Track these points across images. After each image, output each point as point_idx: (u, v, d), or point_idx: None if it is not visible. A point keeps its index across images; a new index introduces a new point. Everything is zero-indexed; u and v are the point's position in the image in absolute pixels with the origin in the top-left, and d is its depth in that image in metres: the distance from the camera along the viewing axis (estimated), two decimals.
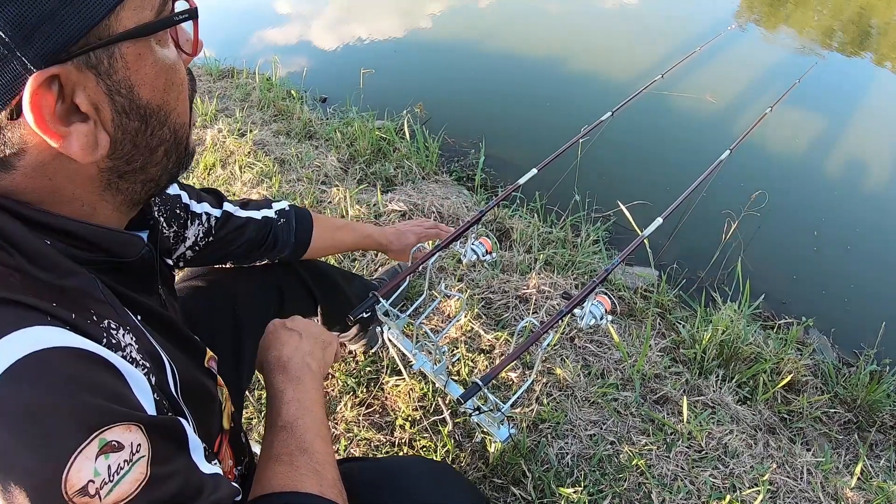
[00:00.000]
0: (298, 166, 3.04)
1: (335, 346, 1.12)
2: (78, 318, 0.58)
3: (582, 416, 1.87)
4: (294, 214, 1.39)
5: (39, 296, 0.56)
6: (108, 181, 0.66)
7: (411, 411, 1.85)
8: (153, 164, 0.69)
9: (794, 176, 4.02)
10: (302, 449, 0.85)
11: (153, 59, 0.62)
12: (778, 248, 3.30)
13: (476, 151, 3.53)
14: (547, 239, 2.72)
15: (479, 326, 2.11)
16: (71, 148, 0.58)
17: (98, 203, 0.67)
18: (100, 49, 0.57)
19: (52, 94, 0.55)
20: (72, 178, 0.63)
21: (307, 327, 1.09)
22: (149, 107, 0.64)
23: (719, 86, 4.85)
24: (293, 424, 0.88)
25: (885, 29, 7.70)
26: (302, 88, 4.31)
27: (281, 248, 1.37)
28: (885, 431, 2.23)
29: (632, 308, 2.39)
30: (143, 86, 0.62)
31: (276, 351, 1.01)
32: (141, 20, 0.59)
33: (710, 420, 1.93)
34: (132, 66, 0.60)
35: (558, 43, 5.64)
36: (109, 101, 0.60)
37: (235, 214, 1.27)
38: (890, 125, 4.95)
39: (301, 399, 0.92)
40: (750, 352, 2.22)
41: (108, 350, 0.58)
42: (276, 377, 0.96)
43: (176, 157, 0.72)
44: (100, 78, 0.58)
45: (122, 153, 0.64)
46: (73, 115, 0.58)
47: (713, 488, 1.73)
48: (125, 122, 0.62)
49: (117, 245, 0.69)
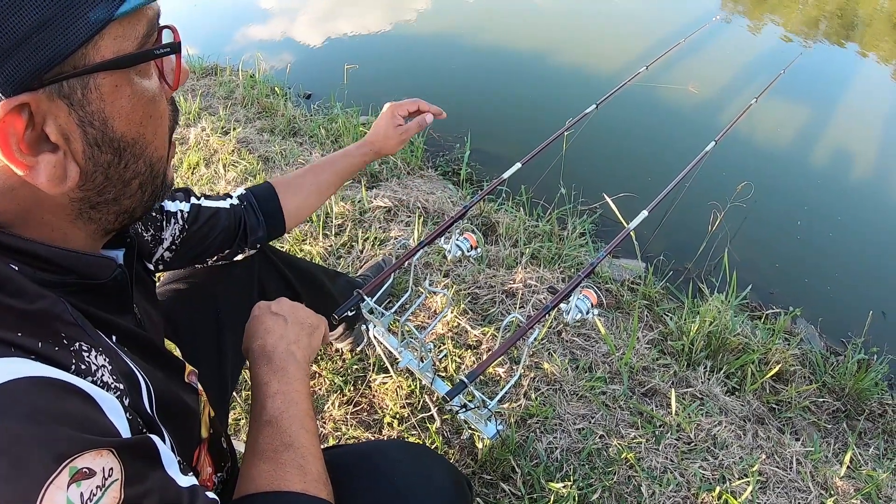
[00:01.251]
0: (283, 164, 3.02)
1: (322, 329, 1.11)
2: (44, 346, 0.56)
3: (570, 411, 1.86)
4: (252, 194, 1.33)
5: (3, 326, 0.54)
6: (79, 210, 0.64)
7: (399, 409, 1.84)
8: (127, 196, 0.67)
9: (780, 166, 4.04)
10: (287, 444, 0.84)
11: (131, 90, 0.61)
12: (764, 239, 3.31)
13: (461, 145, 3.51)
14: (533, 233, 2.71)
15: (466, 322, 2.10)
16: (38, 178, 0.56)
17: (69, 230, 0.65)
18: (74, 79, 0.55)
19: (21, 121, 0.53)
20: (41, 204, 0.61)
21: (293, 311, 1.07)
22: (123, 140, 0.62)
23: (704, 77, 4.86)
24: (278, 419, 0.87)
25: (869, 19, 7.74)
26: (286, 85, 4.29)
27: (254, 231, 1.31)
28: (873, 419, 2.24)
29: (619, 301, 2.38)
30: (118, 118, 0.60)
31: (260, 339, 0.99)
32: (121, 50, 0.58)
33: (698, 412, 1.93)
34: (107, 98, 0.58)
35: (543, 36, 5.63)
36: (81, 132, 0.58)
37: (204, 205, 1.23)
38: (873, 114, 4.98)
39: (286, 391, 0.91)
40: (738, 342, 2.22)
41: (76, 377, 0.56)
42: (260, 368, 0.95)
43: (151, 190, 0.71)
44: (72, 108, 0.56)
45: (94, 185, 0.63)
46: (43, 143, 0.56)
47: (703, 480, 1.73)
48: (97, 154, 0.60)
49: (88, 268, 0.67)
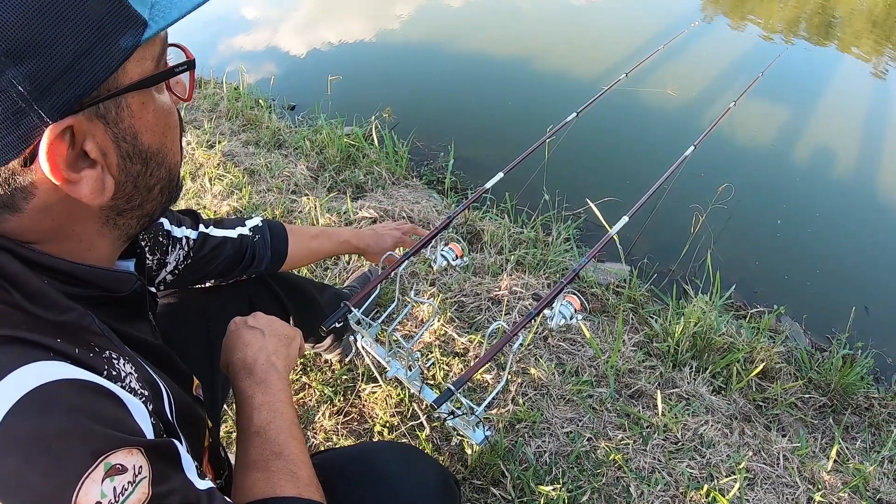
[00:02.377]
0: (268, 176, 3.02)
1: (298, 339, 1.13)
2: (80, 353, 0.61)
3: (558, 415, 1.88)
4: (268, 229, 1.41)
5: (42, 333, 0.60)
6: (107, 218, 0.69)
7: (389, 417, 1.85)
8: (150, 201, 0.73)
9: (760, 167, 4.09)
10: (276, 453, 0.87)
11: (154, 106, 0.66)
12: (746, 239, 3.35)
13: (445, 154, 3.53)
14: (518, 239, 2.73)
15: (453, 330, 2.12)
16: (81, 192, 0.61)
17: (96, 239, 0.70)
18: (108, 100, 0.60)
19: (65, 143, 0.58)
20: (75, 217, 0.66)
21: (269, 324, 1.10)
22: (149, 150, 0.68)
23: (684, 82, 4.90)
24: (265, 429, 0.90)
25: (848, 17, 7.81)
26: (270, 97, 4.29)
27: (258, 263, 1.38)
28: (859, 413, 2.26)
29: (604, 304, 2.40)
30: (145, 131, 0.66)
31: (240, 353, 1.02)
32: (144, 71, 0.63)
33: (685, 412, 1.95)
34: (136, 114, 0.64)
35: (525, 44, 5.66)
36: (116, 147, 0.63)
37: (212, 235, 1.28)
38: (851, 111, 5.04)
39: (270, 402, 0.94)
40: (723, 342, 2.24)
41: (108, 381, 0.61)
42: (243, 381, 0.98)
43: (168, 193, 0.76)
44: (108, 126, 0.61)
45: (124, 193, 0.68)
46: (82, 161, 0.61)
47: (691, 479, 1.75)
48: (129, 165, 0.66)
49: (111, 282, 0.72)
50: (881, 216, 3.80)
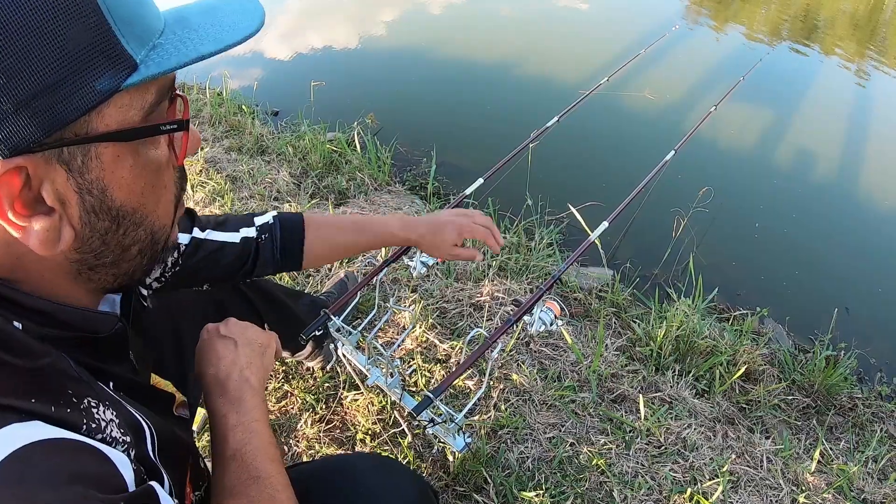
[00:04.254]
0: (250, 183, 3.01)
1: (273, 346, 1.08)
2: (57, 410, 0.55)
3: (540, 420, 1.87)
4: (279, 225, 1.23)
5: (15, 392, 0.54)
6: (77, 271, 0.63)
7: (371, 425, 1.85)
8: (125, 260, 0.66)
9: (740, 171, 4.12)
10: (254, 477, 0.83)
11: (133, 161, 0.59)
12: (728, 242, 3.36)
13: (428, 160, 3.52)
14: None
15: (435, 336, 2.11)
16: (29, 239, 0.55)
17: (70, 287, 0.64)
18: (74, 146, 0.53)
19: (17, 181, 0.52)
20: (40, 261, 0.59)
21: (243, 331, 1.04)
22: (122, 209, 0.61)
23: (665, 86, 4.93)
24: (241, 452, 0.86)
25: (831, 21, 7.89)
26: (253, 102, 4.27)
27: (263, 266, 1.23)
28: (843, 414, 2.27)
29: (587, 309, 2.40)
30: (117, 188, 0.59)
31: (212, 368, 0.97)
32: (127, 121, 0.56)
33: (668, 415, 1.95)
34: (108, 168, 0.57)
35: (508, 49, 5.67)
36: (79, 198, 0.56)
37: (208, 239, 1.15)
38: (833, 114, 5.09)
39: (245, 423, 0.90)
40: (706, 345, 2.24)
41: (87, 437, 0.56)
42: (216, 400, 0.93)
43: (150, 256, 0.69)
44: (70, 174, 0.55)
45: (90, 248, 0.61)
46: (39, 204, 0.55)
47: (674, 482, 1.75)
48: (94, 220, 0.59)
49: (90, 323, 0.66)
50: (860, 218, 3.83)
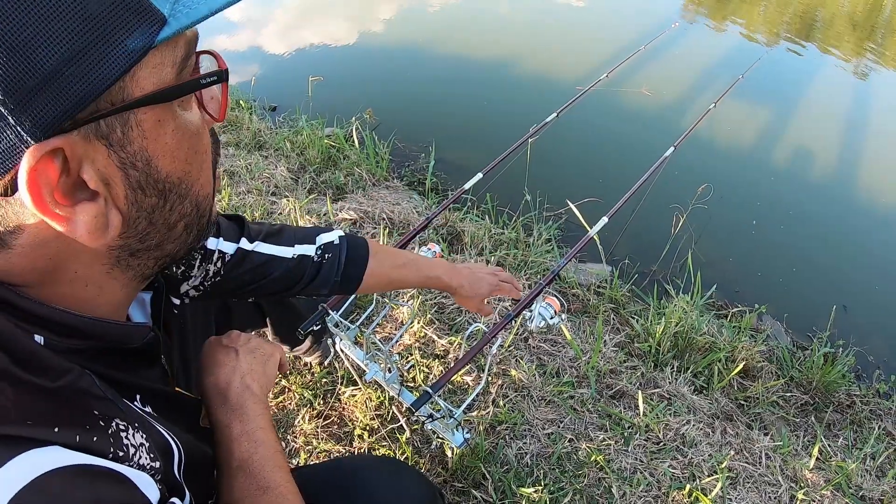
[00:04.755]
0: (248, 178, 3.00)
1: (277, 357, 1.03)
2: (83, 438, 0.51)
3: (539, 416, 1.87)
4: (346, 247, 1.15)
5: (38, 418, 0.49)
6: (117, 258, 0.58)
7: (369, 420, 1.84)
8: (171, 240, 0.61)
9: (740, 168, 4.12)
10: (263, 488, 0.81)
11: (174, 125, 0.54)
12: (727, 239, 3.36)
13: (426, 155, 3.52)
14: (499, 240, 2.72)
15: (433, 332, 2.10)
16: (76, 231, 0.50)
17: (104, 282, 0.59)
18: (112, 116, 0.48)
19: (54, 168, 0.46)
20: (76, 257, 0.55)
21: (245, 342, 0.99)
22: (168, 180, 0.56)
23: (665, 83, 4.92)
24: (248, 462, 0.83)
25: (830, 20, 7.88)
26: (251, 97, 4.25)
27: (319, 286, 1.13)
28: (841, 411, 2.27)
29: (586, 305, 2.40)
30: (162, 157, 0.54)
31: (212, 376, 0.93)
32: (162, 80, 0.51)
33: (666, 412, 1.95)
34: (150, 136, 0.52)
35: (507, 45, 5.67)
36: (123, 175, 0.51)
37: (256, 251, 1.05)
38: (832, 112, 5.09)
39: (249, 432, 0.86)
40: (704, 342, 2.24)
41: (114, 462, 0.53)
42: (217, 410, 0.89)
43: (197, 231, 0.64)
44: (112, 149, 0.49)
45: (137, 231, 0.57)
46: (80, 191, 0.50)
47: (673, 479, 1.75)
48: (140, 198, 0.54)
49: (119, 336, 0.63)
50: (859, 216, 3.83)
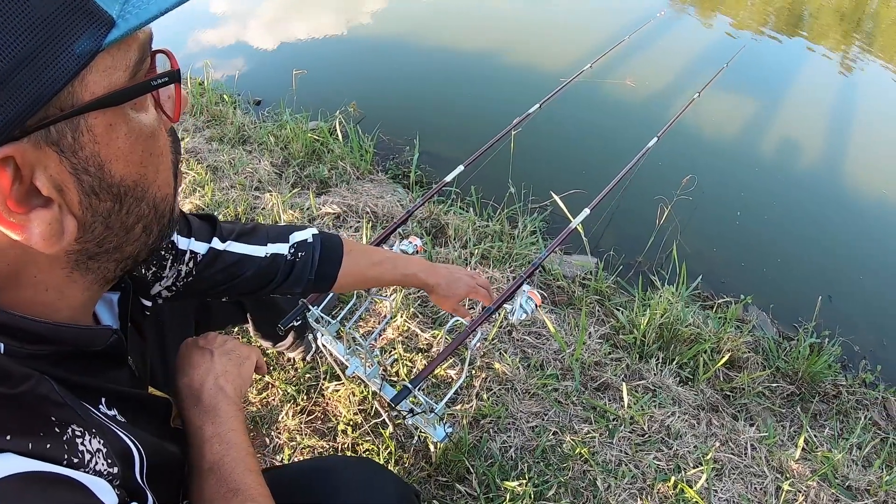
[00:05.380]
0: (231, 173, 2.97)
1: (254, 359, 1.03)
2: (35, 445, 0.51)
3: (523, 409, 1.86)
4: (319, 246, 1.15)
5: None
6: (76, 262, 0.58)
7: (352, 415, 1.83)
8: (129, 242, 0.61)
9: (724, 158, 4.12)
10: (233, 490, 0.81)
11: (127, 128, 0.53)
12: (712, 230, 3.36)
13: (411, 148, 3.50)
14: (483, 233, 2.70)
15: (416, 325, 2.09)
16: (32, 238, 0.50)
17: (64, 286, 0.59)
18: (62, 122, 0.48)
19: (6, 176, 0.46)
20: (35, 263, 0.55)
21: (221, 343, 1.00)
22: (123, 184, 0.55)
23: (649, 73, 4.92)
24: (219, 464, 0.83)
25: (817, 11, 7.90)
26: (235, 92, 4.22)
27: (292, 285, 1.13)
28: (827, 401, 2.28)
29: (570, 297, 2.39)
30: (115, 161, 0.53)
31: (186, 377, 0.93)
32: (112, 84, 0.50)
33: (651, 403, 1.94)
34: (102, 140, 0.51)
35: (491, 37, 5.65)
36: (76, 181, 0.51)
37: (228, 251, 1.05)
38: (815, 102, 5.11)
39: (221, 434, 0.86)
40: (689, 333, 2.24)
41: (68, 469, 0.53)
42: (190, 411, 0.89)
43: (158, 231, 0.64)
44: (63, 156, 0.49)
45: (93, 236, 0.56)
46: (34, 198, 0.49)
47: (658, 471, 1.75)
48: (95, 203, 0.54)
49: (81, 340, 0.62)
50: (843, 206, 3.84)
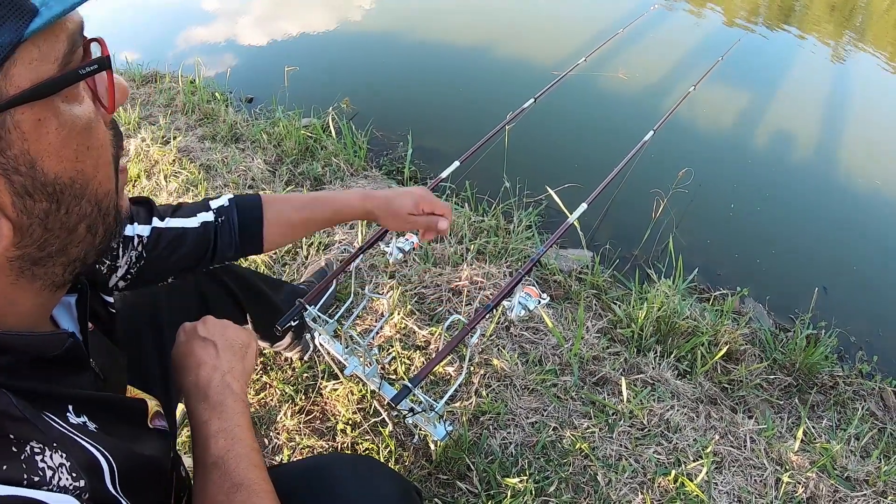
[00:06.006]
0: (224, 171, 2.96)
1: (254, 347, 1.04)
2: None
3: (522, 405, 1.86)
4: (235, 207, 1.17)
5: None
6: (20, 269, 0.55)
7: (351, 415, 1.82)
8: (74, 244, 0.58)
9: (720, 151, 4.11)
10: (237, 485, 0.80)
11: (58, 122, 0.51)
12: (708, 223, 3.36)
13: (404, 144, 3.48)
14: (479, 228, 2.69)
15: (413, 323, 2.08)
16: None
17: (12, 294, 0.57)
18: None
19: None
20: None
21: (223, 332, 1.00)
22: (58, 182, 0.52)
23: (644, 67, 4.91)
24: (224, 459, 0.83)
25: (809, 3, 7.90)
26: (227, 89, 4.20)
27: (224, 251, 1.16)
28: (825, 392, 2.28)
29: (567, 291, 2.38)
30: (48, 158, 0.51)
31: (192, 375, 0.93)
32: (39, 76, 0.48)
33: (650, 397, 1.94)
34: (31, 136, 0.49)
35: (484, 31, 5.63)
36: (6, 182, 0.49)
37: (167, 227, 1.08)
38: (810, 94, 5.11)
39: (227, 429, 0.87)
40: (687, 326, 2.23)
41: (28, 489, 0.51)
42: (197, 406, 0.90)
43: (103, 231, 0.61)
44: None
45: (33, 240, 0.54)
46: None
47: (658, 464, 1.74)
48: (30, 204, 0.51)
49: (36, 347, 0.60)
50: (837, 197, 3.84)
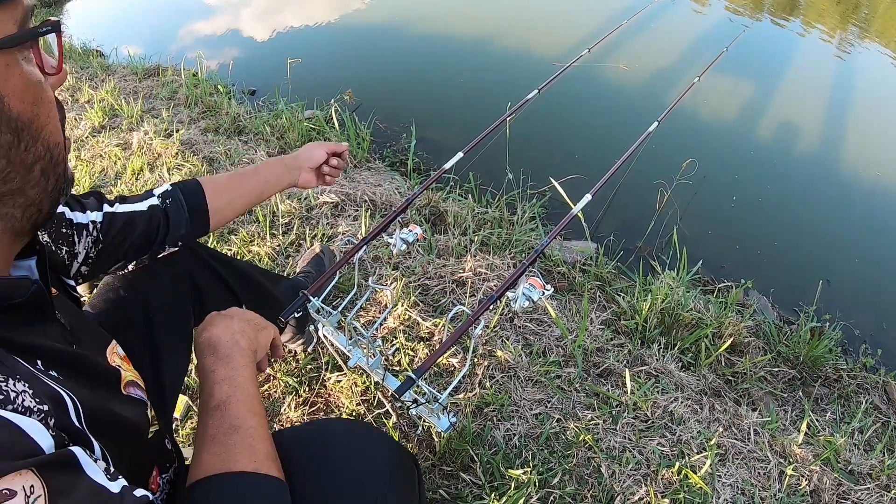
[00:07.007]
0: (227, 164, 2.96)
1: (271, 332, 1.10)
2: None
3: (526, 396, 1.85)
4: (179, 190, 1.29)
5: None
6: None
7: (355, 406, 1.81)
8: (31, 184, 0.65)
9: (724, 142, 4.09)
10: (234, 427, 0.85)
11: (21, 70, 0.60)
12: (712, 214, 3.34)
13: (408, 136, 3.48)
14: (482, 219, 2.69)
15: (417, 314, 2.08)
16: None
17: None
18: None
19: None
20: None
21: (242, 313, 1.07)
22: (20, 119, 0.61)
23: (647, 58, 4.89)
24: (226, 403, 0.88)
25: None
26: (229, 82, 4.20)
27: (176, 228, 1.27)
28: (829, 385, 2.27)
29: (571, 283, 2.38)
30: (13, 97, 0.59)
31: (207, 333, 0.99)
32: (5, 32, 0.58)
33: (654, 389, 1.93)
34: (1, 76, 0.58)
35: (487, 22, 5.61)
36: None
37: (118, 212, 1.19)
38: (814, 86, 5.08)
39: (232, 377, 0.92)
40: (691, 318, 2.23)
41: None
42: (206, 358, 0.96)
43: (54, 180, 0.68)
44: None
45: None
46: None
47: (662, 456, 1.74)
48: None
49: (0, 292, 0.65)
50: (841, 190, 3.82)
